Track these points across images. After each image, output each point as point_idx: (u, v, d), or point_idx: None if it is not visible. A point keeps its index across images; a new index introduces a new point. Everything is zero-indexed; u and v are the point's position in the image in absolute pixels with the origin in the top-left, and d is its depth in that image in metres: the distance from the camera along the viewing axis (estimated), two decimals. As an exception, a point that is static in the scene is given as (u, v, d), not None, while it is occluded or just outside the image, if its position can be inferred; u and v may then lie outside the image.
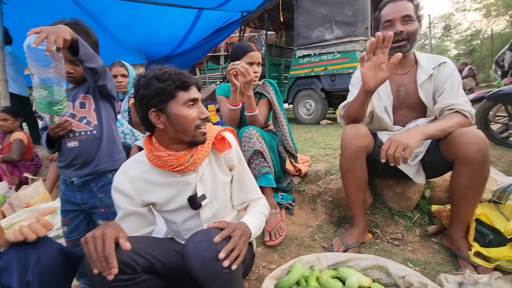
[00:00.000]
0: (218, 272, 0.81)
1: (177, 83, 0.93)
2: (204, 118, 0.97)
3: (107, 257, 0.75)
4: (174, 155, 0.96)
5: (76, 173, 1.22)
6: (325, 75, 4.17)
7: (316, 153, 2.29)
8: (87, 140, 1.21)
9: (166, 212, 1.09)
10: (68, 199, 1.24)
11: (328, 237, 1.53)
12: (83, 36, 1.16)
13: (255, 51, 1.74)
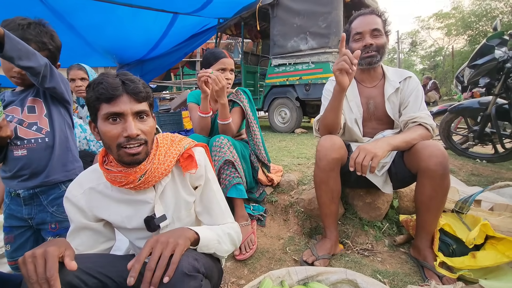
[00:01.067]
0: None
1: (99, 93, 0.80)
2: (127, 136, 0.81)
3: (49, 278, 0.65)
4: (124, 172, 0.86)
5: (23, 185, 1.09)
6: (300, 84, 4.24)
7: (289, 162, 2.28)
8: (37, 149, 1.09)
9: (123, 230, 1.00)
10: (12, 213, 1.10)
11: (299, 249, 1.50)
12: (47, 39, 1.06)
13: (227, 58, 1.70)
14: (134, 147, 0.83)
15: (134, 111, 0.83)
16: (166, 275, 0.72)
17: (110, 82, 0.80)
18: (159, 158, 0.91)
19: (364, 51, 1.42)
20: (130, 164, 0.85)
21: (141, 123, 0.85)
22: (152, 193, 0.94)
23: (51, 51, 1.11)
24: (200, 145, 1.03)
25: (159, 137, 0.97)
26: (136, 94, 0.82)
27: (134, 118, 0.83)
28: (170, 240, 0.77)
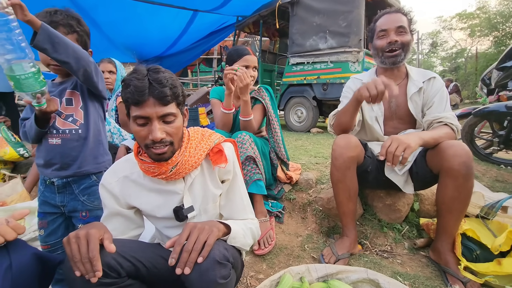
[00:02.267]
0: (213, 282, 0.77)
1: (127, 96, 0.82)
2: (152, 139, 0.83)
3: (91, 258, 0.70)
4: (157, 163, 0.89)
5: (56, 174, 1.14)
6: (318, 83, 4.21)
7: (307, 161, 2.28)
8: (71, 139, 1.14)
9: (151, 218, 1.04)
10: (46, 200, 1.16)
11: (317, 247, 1.50)
12: (73, 22, 1.10)
13: (250, 55, 1.72)
14: (159, 148, 0.85)
15: (159, 115, 0.83)
16: (201, 255, 0.77)
17: (137, 86, 0.80)
18: (190, 151, 0.94)
19: (388, 48, 1.41)
20: (158, 161, 0.89)
21: (167, 125, 0.86)
22: (182, 184, 0.98)
23: (80, 34, 1.14)
24: (229, 140, 1.05)
25: (191, 131, 1.00)
26: (161, 98, 0.82)
27: (159, 121, 0.84)
28: (206, 227, 0.82)
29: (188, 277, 0.77)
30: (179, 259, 0.76)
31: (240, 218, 1.05)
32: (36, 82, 0.92)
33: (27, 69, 0.89)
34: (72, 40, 1.07)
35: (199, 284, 0.79)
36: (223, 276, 0.82)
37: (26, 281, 0.75)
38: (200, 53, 6.42)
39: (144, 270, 0.88)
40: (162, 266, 0.95)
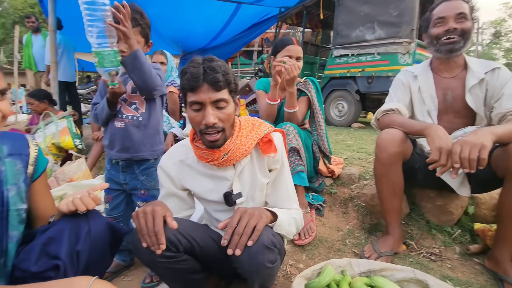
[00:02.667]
0: (262, 265, 0.82)
1: (184, 83, 0.88)
2: (205, 124, 0.88)
3: (157, 233, 0.78)
4: (210, 150, 0.95)
5: (118, 155, 1.27)
6: (362, 76, 4.03)
7: (349, 156, 2.23)
8: (132, 125, 1.25)
9: (202, 200, 1.11)
10: (112, 178, 1.30)
11: (359, 243, 1.48)
12: (138, 15, 1.19)
13: (294, 45, 1.68)
14: (212, 134, 0.91)
15: (213, 100, 0.88)
16: (250, 239, 0.81)
17: (193, 73, 0.86)
18: (241, 139, 0.99)
19: (445, 36, 1.31)
20: (211, 147, 0.94)
21: (219, 111, 0.90)
22: (232, 171, 1.03)
23: (142, 27, 1.24)
24: (279, 130, 1.08)
25: (242, 120, 1.04)
26: (214, 84, 0.86)
27: (212, 107, 0.89)
28: (256, 212, 0.85)
29: (238, 259, 0.82)
30: (231, 241, 0.81)
31: (285, 207, 1.07)
32: (115, 60, 1.08)
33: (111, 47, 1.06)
34: (135, 32, 1.17)
35: (248, 266, 0.84)
36: (270, 260, 0.86)
37: (100, 246, 0.85)
38: (242, 45, 6.49)
39: (198, 248, 0.95)
40: (212, 246, 1.02)
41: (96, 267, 0.86)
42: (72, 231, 0.81)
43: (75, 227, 0.82)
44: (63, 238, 0.79)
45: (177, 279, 0.97)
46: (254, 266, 0.83)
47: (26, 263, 0.78)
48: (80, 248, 0.80)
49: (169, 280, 1.00)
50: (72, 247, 0.80)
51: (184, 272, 0.94)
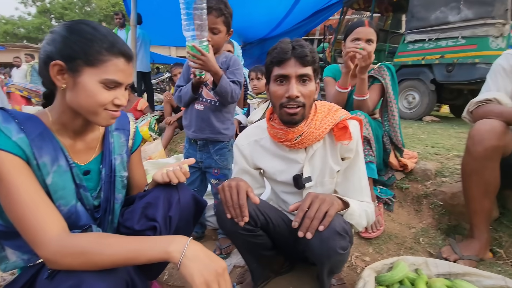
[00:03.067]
0: (333, 251, 0.82)
1: (272, 57, 0.92)
2: (288, 96, 0.91)
3: (241, 206, 0.84)
4: (285, 130, 0.98)
5: (194, 135, 1.38)
6: (440, 64, 3.59)
7: (422, 151, 2.04)
8: (209, 108, 1.34)
9: (272, 181, 1.14)
10: (190, 156, 1.42)
11: (435, 244, 1.37)
12: (222, 5, 1.25)
13: (363, 26, 1.57)
14: (292, 107, 0.93)
15: (298, 74, 0.91)
16: (322, 224, 0.81)
17: (283, 47, 0.91)
18: (316, 123, 0.98)
19: None
20: (288, 123, 0.96)
21: (303, 86, 0.93)
22: (303, 154, 1.03)
23: (226, 16, 1.29)
24: (355, 118, 1.04)
25: (318, 104, 1.03)
26: (301, 57, 0.89)
27: (297, 81, 0.92)
28: (328, 198, 0.85)
29: (309, 242, 0.83)
30: (302, 224, 0.82)
31: (356, 199, 1.04)
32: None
33: (204, 42, 1.15)
34: (219, 22, 1.24)
35: (320, 250, 0.84)
36: (342, 247, 0.85)
37: (187, 215, 0.95)
38: (303, 34, 6.32)
39: (271, 226, 0.99)
40: (283, 227, 1.05)
41: (182, 233, 0.96)
42: (165, 198, 0.92)
43: (168, 195, 0.93)
44: (159, 204, 0.91)
45: (251, 252, 1.03)
46: (326, 251, 0.83)
47: (130, 222, 0.92)
48: (172, 214, 0.91)
49: (244, 252, 1.07)
50: (166, 212, 0.91)
51: (258, 247, 1.00)
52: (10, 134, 0.69)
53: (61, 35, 0.72)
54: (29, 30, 23.96)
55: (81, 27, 0.73)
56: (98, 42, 0.71)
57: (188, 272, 0.65)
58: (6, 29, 23.09)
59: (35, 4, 24.88)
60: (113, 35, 0.75)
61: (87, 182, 0.87)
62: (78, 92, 0.73)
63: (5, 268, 0.81)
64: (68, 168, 0.80)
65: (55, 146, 0.78)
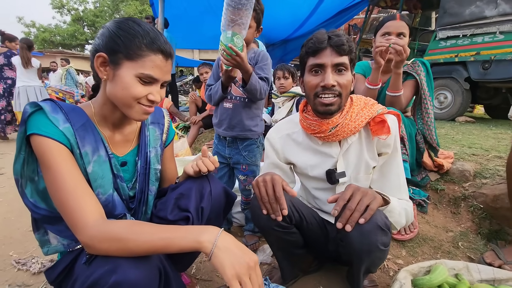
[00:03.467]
0: (374, 246, 0.79)
1: (307, 47, 0.91)
2: (323, 85, 0.88)
3: (278, 198, 0.82)
4: (318, 121, 0.95)
5: (225, 132, 1.38)
6: (476, 61, 3.39)
7: (459, 151, 1.92)
8: (239, 106, 1.34)
9: (303, 176, 1.12)
10: (218, 152, 1.43)
11: (475, 249, 1.28)
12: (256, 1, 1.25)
13: (393, 20, 1.50)
14: (328, 97, 0.90)
15: (334, 63, 0.89)
16: (363, 217, 0.78)
17: (318, 37, 0.90)
18: (351, 115, 0.95)
19: None
20: (323, 113, 0.93)
21: (339, 76, 0.90)
22: (337, 148, 1.00)
23: (257, 12, 1.29)
24: (393, 113, 1.00)
25: (354, 97, 1.00)
26: (338, 46, 0.87)
27: (333, 70, 0.90)
28: (369, 192, 0.81)
29: (348, 236, 0.80)
30: (341, 215, 0.79)
31: (393, 196, 0.98)
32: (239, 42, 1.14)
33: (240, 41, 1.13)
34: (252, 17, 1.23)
35: (359, 245, 0.80)
36: (384, 243, 0.81)
37: (218, 207, 0.95)
38: (326, 34, 6.23)
39: (305, 224, 0.97)
40: (315, 224, 1.03)
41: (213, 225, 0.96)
42: (197, 189, 0.93)
43: (200, 187, 0.93)
44: (192, 195, 0.92)
45: (283, 250, 1.02)
46: (366, 245, 0.80)
47: (163, 212, 0.93)
48: (204, 205, 0.91)
49: (276, 249, 1.05)
50: (198, 203, 0.91)
51: (290, 245, 0.98)
52: (57, 124, 0.73)
53: (109, 30, 0.75)
54: (64, 37, 25.54)
55: (127, 23, 0.75)
56: (139, 38, 0.73)
57: (219, 262, 0.64)
58: (44, 37, 24.76)
59: (70, 13, 26.51)
60: (156, 32, 0.76)
61: (123, 173, 0.90)
62: (116, 84, 0.75)
63: (47, 251, 0.85)
64: (107, 159, 0.83)
65: (96, 136, 0.81)
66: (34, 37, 25.25)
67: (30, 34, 25.53)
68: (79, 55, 17.43)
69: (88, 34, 26.45)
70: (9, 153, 3.54)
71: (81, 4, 26.61)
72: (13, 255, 1.33)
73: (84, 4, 26.64)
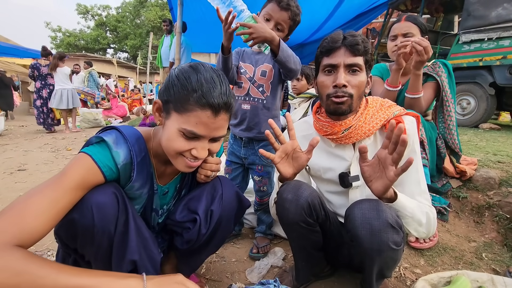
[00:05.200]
0: (385, 244, 0.75)
1: (322, 47, 0.91)
2: (335, 85, 0.88)
3: None
4: (331, 123, 0.93)
5: (242, 133, 1.36)
6: (502, 65, 3.24)
7: (483, 158, 1.83)
8: (257, 107, 1.31)
9: (317, 179, 1.09)
10: (234, 152, 1.42)
11: (501, 261, 1.20)
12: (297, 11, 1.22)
13: (399, 22, 1.49)
14: (339, 96, 0.88)
15: (347, 64, 0.87)
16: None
17: (333, 37, 0.89)
18: (366, 117, 0.92)
19: None
20: (334, 112, 0.91)
21: (351, 76, 0.88)
22: (351, 152, 0.97)
23: (294, 22, 1.24)
24: (412, 114, 0.96)
25: (369, 99, 0.97)
26: (352, 46, 0.86)
27: (345, 70, 0.88)
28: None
29: (358, 235, 0.77)
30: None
31: None
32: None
33: (247, 16, 1.09)
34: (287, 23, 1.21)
35: (370, 244, 0.77)
36: (395, 242, 0.77)
37: (229, 211, 0.93)
38: (343, 38, 6.16)
39: (328, 224, 0.94)
40: (336, 226, 1.00)
41: (222, 230, 0.94)
42: (209, 192, 0.92)
43: (212, 190, 0.93)
44: (202, 197, 0.91)
45: (303, 249, 1.00)
46: (377, 244, 0.76)
47: (173, 214, 0.94)
48: (214, 208, 0.90)
49: (296, 248, 1.03)
50: (208, 206, 0.90)
51: (311, 244, 0.96)
52: (118, 160, 0.72)
53: (170, 77, 0.74)
54: (88, 42, 26.67)
55: (186, 72, 0.71)
56: (190, 91, 0.69)
57: None
58: (69, 41, 25.95)
59: (94, 18, 27.67)
60: (213, 84, 0.70)
61: (161, 200, 0.92)
62: (164, 132, 0.75)
63: None
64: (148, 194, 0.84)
65: (148, 172, 0.81)
66: (60, 41, 26.51)
67: (56, 38, 26.82)
68: (101, 58, 18.09)
69: (110, 38, 27.49)
70: (33, 150, 3.70)
71: (104, 10, 27.73)
72: (31, 247, 1.37)
73: (107, 9, 27.74)
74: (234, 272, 1.23)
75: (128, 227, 0.74)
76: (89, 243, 0.70)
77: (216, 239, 0.95)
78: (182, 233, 0.92)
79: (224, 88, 0.71)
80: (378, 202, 0.79)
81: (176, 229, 0.95)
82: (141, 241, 0.78)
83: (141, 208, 0.86)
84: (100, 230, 0.68)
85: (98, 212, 0.67)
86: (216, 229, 0.92)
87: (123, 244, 0.73)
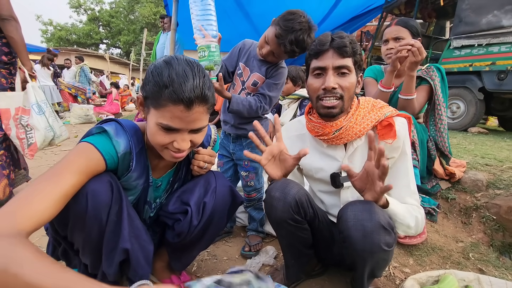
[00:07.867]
0: (377, 246, 0.76)
1: (310, 49, 0.91)
2: (324, 88, 0.88)
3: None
4: (322, 124, 0.94)
5: (230, 130, 1.38)
6: (491, 71, 3.31)
7: (471, 161, 1.87)
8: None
9: (309, 178, 1.10)
10: (223, 146, 1.45)
11: (487, 261, 1.23)
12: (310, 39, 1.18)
13: (390, 27, 1.54)
14: (329, 100, 0.88)
15: (335, 66, 0.87)
16: None
17: (321, 39, 0.89)
18: (357, 118, 0.93)
19: None
20: (325, 116, 0.92)
21: (341, 78, 0.88)
22: (342, 152, 0.98)
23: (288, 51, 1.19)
24: (403, 115, 0.97)
25: (361, 100, 0.98)
26: (340, 48, 0.85)
27: (334, 73, 0.88)
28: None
29: (351, 236, 0.78)
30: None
31: (400, 202, 0.94)
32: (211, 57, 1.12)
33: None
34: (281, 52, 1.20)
35: (362, 245, 0.78)
36: (387, 243, 0.78)
37: (222, 205, 0.94)
38: (337, 40, 6.20)
39: (317, 222, 0.95)
40: (325, 224, 1.00)
41: (215, 224, 0.94)
42: (202, 185, 0.93)
43: (205, 183, 0.93)
44: (195, 190, 0.91)
45: (292, 247, 1.00)
46: (369, 246, 0.77)
47: (166, 206, 0.93)
48: (207, 200, 0.90)
49: (285, 246, 1.03)
50: (201, 198, 0.91)
51: (300, 242, 0.96)
52: (118, 149, 0.75)
53: (147, 73, 0.75)
54: (80, 36, 26.17)
55: (159, 68, 0.71)
56: (161, 87, 0.69)
57: None
58: (61, 35, 25.41)
59: (86, 13, 27.18)
60: (184, 78, 0.69)
61: (154, 192, 0.93)
62: (147, 126, 0.77)
63: None
64: (143, 186, 0.86)
65: (144, 164, 0.84)
66: (51, 35, 25.94)
67: (47, 32, 26.25)
68: (94, 53, 17.79)
69: (103, 33, 27.04)
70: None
71: (97, 4, 27.26)
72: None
73: (100, 4, 27.28)
74: (225, 270, 1.23)
75: (121, 216, 0.75)
76: (80, 229, 0.71)
77: (209, 234, 0.95)
78: (173, 225, 0.92)
79: (197, 80, 0.70)
80: (371, 203, 0.80)
81: (168, 221, 0.95)
82: (133, 231, 0.78)
83: (134, 199, 0.86)
84: (92, 217, 0.69)
85: (92, 199, 0.69)
86: (208, 223, 0.92)
87: (115, 233, 0.74)
